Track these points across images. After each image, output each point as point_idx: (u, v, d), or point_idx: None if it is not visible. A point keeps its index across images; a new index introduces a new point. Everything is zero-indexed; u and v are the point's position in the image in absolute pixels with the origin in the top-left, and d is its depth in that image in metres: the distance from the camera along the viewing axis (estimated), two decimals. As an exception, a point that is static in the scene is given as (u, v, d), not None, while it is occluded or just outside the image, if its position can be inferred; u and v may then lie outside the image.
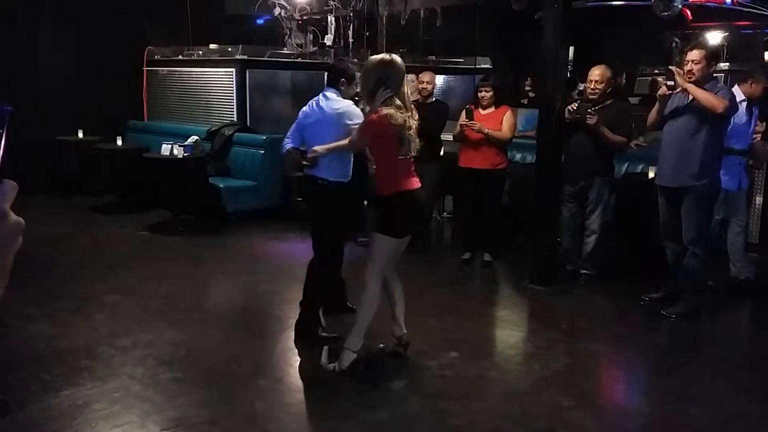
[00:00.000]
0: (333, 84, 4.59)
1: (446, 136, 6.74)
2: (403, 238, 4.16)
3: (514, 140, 6.60)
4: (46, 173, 9.20)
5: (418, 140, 4.09)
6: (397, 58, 4.10)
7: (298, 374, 4.29)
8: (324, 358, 4.23)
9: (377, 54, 4.32)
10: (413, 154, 4.11)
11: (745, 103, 5.63)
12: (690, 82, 4.95)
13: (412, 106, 4.13)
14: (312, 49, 9.19)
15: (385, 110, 3.94)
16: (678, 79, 4.97)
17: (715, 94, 4.90)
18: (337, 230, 4.67)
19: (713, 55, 5.18)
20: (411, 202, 4.13)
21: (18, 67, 8.97)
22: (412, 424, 3.62)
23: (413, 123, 4.03)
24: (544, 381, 4.18)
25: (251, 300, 5.72)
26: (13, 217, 1.05)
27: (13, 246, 1.07)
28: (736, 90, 5.69)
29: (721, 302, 5.68)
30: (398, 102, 3.97)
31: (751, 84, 5.73)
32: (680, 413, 3.83)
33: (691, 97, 4.96)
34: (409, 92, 4.16)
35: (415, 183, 4.14)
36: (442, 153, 6.84)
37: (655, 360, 4.65)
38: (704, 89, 4.92)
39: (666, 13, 6.44)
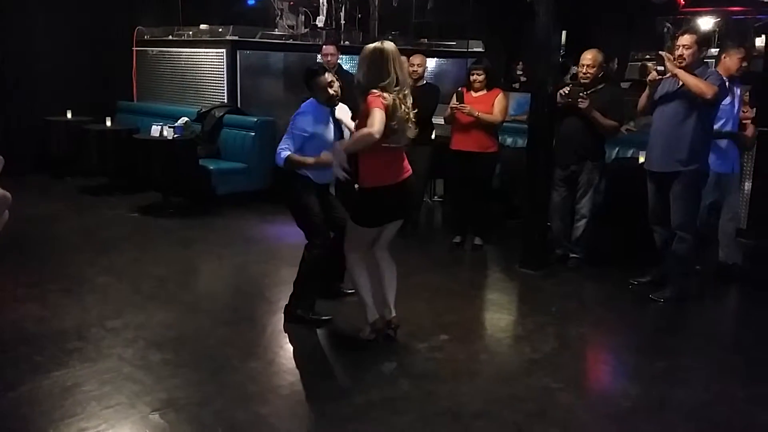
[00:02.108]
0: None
1: (437, 120, 6.74)
2: (372, 227, 4.21)
3: (505, 124, 6.61)
4: (35, 154, 9.15)
5: (412, 128, 4.07)
6: (387, 45, 4.03)
7: (289, 356, 4.32)
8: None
9: (369, 37, 4.33)
10: (403, 143, 4.08)
11: (727, 83, 5.62)
12: (680, 67, 4.95)
13: (407, 92, 4.06)
14: (303, 30, 9.14)
15: (378, 91, 3.92)
16: (668, 64, 4.97)
17: (705, 79, 4.91)
18: (311, 216, 4.60)
19: (704, 41, 5.17)
20: (388, 196, 4.11)
21: (7, 47, 8.88)
22: (402, 406, 3.64)
23: (407, 110, 4.00)
24: (534, 364, 4.22)
25: (242, 282, 5.72)
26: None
27: (0, 220, 1.07)
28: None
29: (708, 287, 5.72)
30: (392, 89, 3.93)
31: (724, 58, 5.71)
32: (667, 396, 3.87)
33: (680, 83, 4.97)
34: (403, 77, 4.04)
35: (399, 174, 4.11)
36: (433, 136, 6.84)
37: (643, 343, 4.69)
38: (694, 74, 4.92)
39: (658, -1, 6.43)
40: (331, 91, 4.51)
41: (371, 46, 4.07)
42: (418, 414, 3.57)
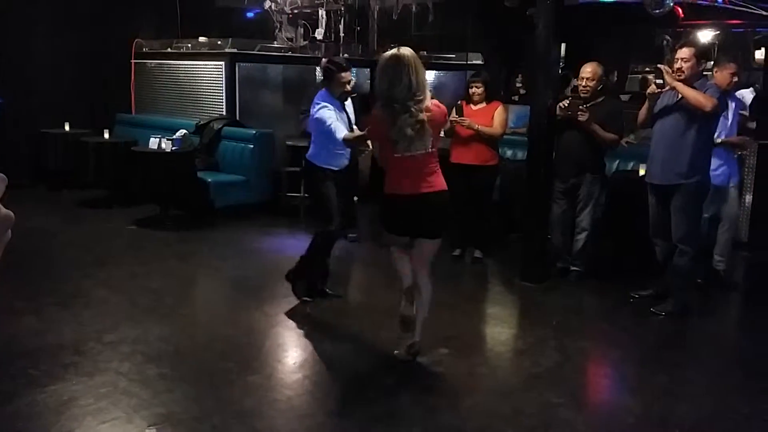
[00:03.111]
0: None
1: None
2: (390, 233, 4.22)
3: (505, 137, 6.59)
4: (32, 167, 9.12)
5: (416, 133, 3.89)
6: (404, 51, 3.94)
7: (287, 370, 4.27)
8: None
9: (368, 49, 4.46)
10: (415, 151, 3.94)
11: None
12: (679, 80, 4.95)
13: (422, 98, 3.93)
14: (302, 43, 9.14)
15: (375, 110, 4.01)
16: (666, 77, 4.98)
17: (704, 92, 4.90)
18: (327, 203, 4.95)
19: (703, 54, 5.18)
20: (399, 205, 4.05)
21: (4, 59, 8.88)
22: (402, 420, 3.60)
23: (414, 116, 3.86)
24: (534, 378, 4.18)
25: (240, 295, 5.67)
26: (2, 210, 1.03)
27: (2, 240, 1.05)
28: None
29: (709, 300, 5.70)
30: (400, 95, 3.86)
31: (715, 72, 5.70)
32: (669, 410, 3.83)
33: (680, 96, 4.96)
34: (418, 82, 3.92)
35: (416, 187, 3.97)
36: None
37: (644, 357, 4.65)
38: (693, 87, 4.92)
39: (657, 11, 6.44)
40: (347, 87, 4.99)
41: (388, 53, 3.98)
42: (419, 429, 3.53)
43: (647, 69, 10.36)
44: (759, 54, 9.63)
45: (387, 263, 4.42)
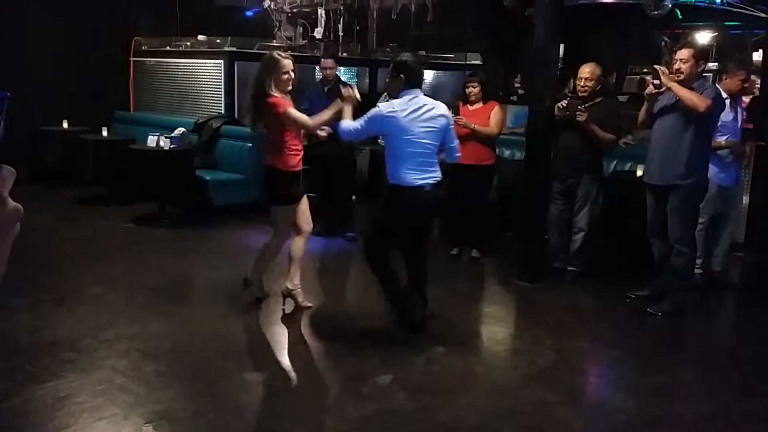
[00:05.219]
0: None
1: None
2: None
3: (502, 136, 6.60)
4: (30, 164, 9.10)
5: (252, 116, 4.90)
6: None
7: (284, 369, 4.28)
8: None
9: (367, 49, 4.52)
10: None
11: (728, 99, 5.64)
12: (678, 81, 4.96)
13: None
14: (302, 42, 9.15)
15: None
16: (663, 78, 4.99)
17: (701, 93, 4.91)
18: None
19: (701, 54, 5.19)
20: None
21: (2, 56, 8.87)
22: (398, 419, 3.61)
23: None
24: (531, 377, 4.19)
25: (237, 293, 5.66)
26: (11, 203, 1.04)
27: (12, 233, 1.06)
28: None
29: (706, 300, 5.71)
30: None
31: (725, 79, 5.76)
32: (664, 410, 3.84)
33: (678, 96, 4.98)
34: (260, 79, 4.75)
35: None
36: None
37: (640, 357, 4.66)
38: (691, 88, 4.93)
39: (656, 12, 6.45)
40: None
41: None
42: (414, 428, 3.54)
43: (645, 70, 10.37)
44: (757, 56, 9.64)
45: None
